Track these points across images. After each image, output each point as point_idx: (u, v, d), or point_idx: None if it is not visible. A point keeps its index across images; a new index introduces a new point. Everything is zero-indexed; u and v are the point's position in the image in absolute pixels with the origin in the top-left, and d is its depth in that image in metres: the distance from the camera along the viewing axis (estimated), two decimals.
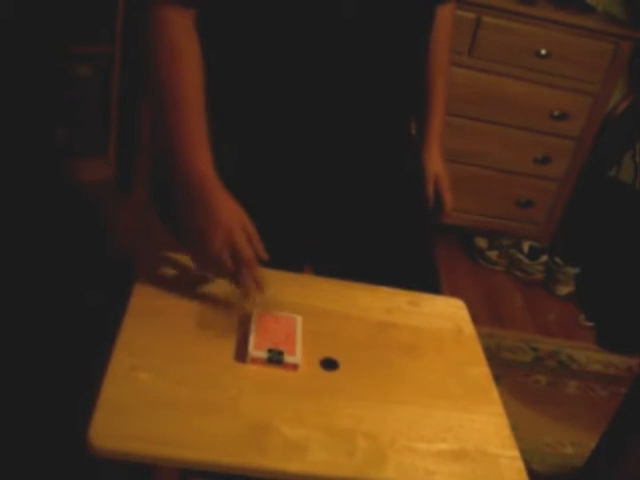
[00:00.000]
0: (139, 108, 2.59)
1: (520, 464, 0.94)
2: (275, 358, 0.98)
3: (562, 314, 2.67)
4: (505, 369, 2.26)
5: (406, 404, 0.99)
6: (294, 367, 0.99)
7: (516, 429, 1.00)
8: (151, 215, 2.54)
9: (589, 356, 2.45)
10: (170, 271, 1.11)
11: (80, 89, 2.59)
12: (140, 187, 2.67)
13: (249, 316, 1.03)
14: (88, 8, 2.45)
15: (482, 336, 1.19)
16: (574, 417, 2.13)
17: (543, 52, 2.52)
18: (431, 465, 0.90)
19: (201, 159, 1.03)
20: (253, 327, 1.01)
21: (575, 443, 2.03)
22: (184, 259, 1.13)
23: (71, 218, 2.46)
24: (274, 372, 0.98)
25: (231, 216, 1.02)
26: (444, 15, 1.30)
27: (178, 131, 1.03)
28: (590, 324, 2.63)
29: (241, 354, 0.98)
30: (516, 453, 0.95)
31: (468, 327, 1.19)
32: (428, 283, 1.27)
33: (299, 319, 1.06)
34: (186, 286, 1.09)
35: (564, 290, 2.75)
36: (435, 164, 1.33)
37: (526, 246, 2.81)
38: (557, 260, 2.75)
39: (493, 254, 2.83)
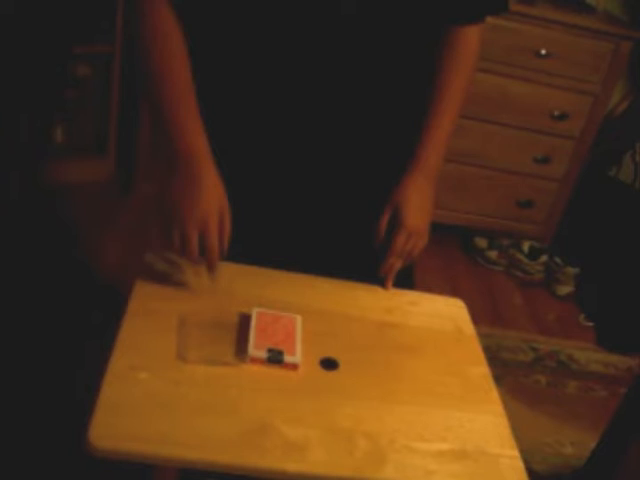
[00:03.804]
0: (139, 108, 2.59)
1: (520, 464, 0.94)
2: (275, 358, 0.98)
3: (562, 314, 2.68)
4: (505, 369, 2.26)
5: (406, 404, 0.99)
6: (294, 367, 0.99)
7: (516, 429, 1.00)
8: (151, 215, 2.54)
9: (589, 356, 2.45)
10: (169, 271, 1.11)
11: (80, 89, 2.59)
12: (140, 187, 2.67)
13: (249, 316, 1.03)
14: (88, 8, 2.45)
15: (482, 336, 1.19)
16: (574, 417, 2.13)
17: (543, 52, 2.52)
18: (431, 465, 0.90)
19: (191, 130, 1.06)
20: (253, 327, 1.01)
21: (575, 443, 2.03)
22: (183, 259, 1.13)
23: (70, 218, 2.46)
24: (274, 372, 0.98)
25: (213, 198, 1.04)
26: (468, 39, 1.17)
27: (168, 105, 1.06)
28: (590, 324, 2.63)
29: (241, 354, 0.98)
30: (516, 453, 0.95)
31: (468, 327, 1.18)
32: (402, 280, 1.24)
33: (299, 319, 1.06)
34: (185, 286, 1.09)
35: (564, 290, 2.75)
36: (401, 198, 1.18)
37: (526, 246, 2.81)
38: (557, 260, 2.75)
39: (493, 254, 2.83)
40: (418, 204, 1.19)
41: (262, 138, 1.17)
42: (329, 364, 1.02)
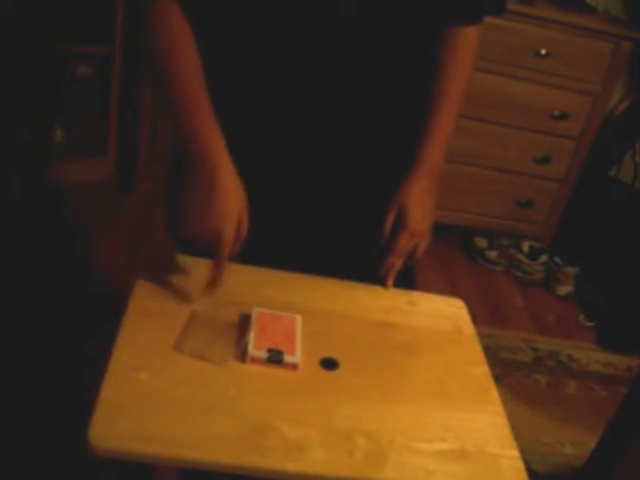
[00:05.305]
0: (139, 108, 2.59)
1: (520, 464, 0.94)
2: (275, 358, 0.98)
3: (562, 314, 2.68)
4: (505, 369, 2.26)
5: (406, 404, 0.99)
6: (294, 367, 0.99)
7: (516, 429, 1.00)
8: (150, 215, 2.55)
9: (589, 356, 2.45)
10: (169, 271, 1.11)
11: (80, 89, 2.59)
12: (140, 187, 2.67)
13: (249, 316, 1.03)
14: (88, 7, 2.45)
15: (482, 336, 1.19)
16: (574, 417, 2.13)
17: (543, 52, 2.52)
18: (431, 465, 0.90)
19: (208, 131, 1.04)
20: (253, 327, 1.01)
21: (575, 443, 2.03)
22: (183, 259, 1.13)
23: (70, 218, 2.46)
24: (274, 372, 0.98)
25: (231, 202, 1.02)
26: (467, 39, 1.18)
27: (182, 106, 1.04)
28: (590, 324, 2.63)
29: (241, 354, 0.98)
30: (516, 453, 0.95)
31: (468, 327, 1.18)
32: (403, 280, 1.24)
33: (299, 319, 1.06)
34: (185, 286, 1.09)
35: (564, 290, 2.75)
36: (405, 199, 1.18)
37: (526, 246, 2.82)
38: (557, 260, 2.75)
39: (493, 254, 2.83)
40: (422, 205, 1.20)
41: (262, 137, 1.16)
42: (329, 364, 1.02)
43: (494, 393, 1.05)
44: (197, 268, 1.12)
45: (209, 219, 1.02)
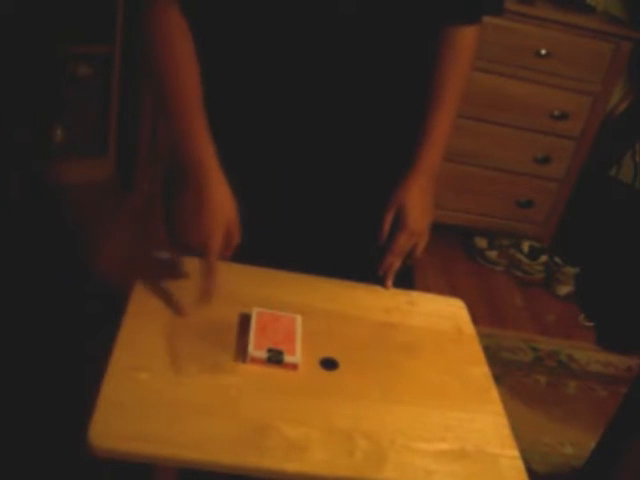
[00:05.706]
0: (139, 108, 2.59)
1: (520, 464, 0.94)
2: (275, 358, 0.98)
3: (562, 314, 2.68)
4: (505, 369, 2.26)
5: (406, 404, 0.99)
6: (294, 367, 0.99)
7: (516, 429, 1.00)
8: (150, 215, 2.55)
9: (589, 356, 2.45)
10: (169, 271, 1.11)
11: (80, 89, 2.59)
12: (140, 187, 2.67)
13: (249, 316, 1.03)
14: (88, 7, 2.45)
15: (482, 336, 1.19)
16: (574, 417, 2.13)
17: (543, 52, 2.52)
18: (431, 465, 0.90)
19: (200, 141, 1.04)
20: (253, 327, 1.01)
21: (575, 443, 2.03)
22: (183, 259, 1.13)
23: (70, 218, 2.46)
24: (274, 372, 0.98)
25: (220, 213, 1.03)
26: (465, 39, 1.18)
27: (177, 117, 1.05)
28: (590, 324, 2.63)
29: (241, 354, 0.98)
30: (516, 453, 0.95)
31: (468, 327, 1.18)
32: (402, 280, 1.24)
33: (299, 319, 1.06)
34: (185, 286, 1.09)
35: (564, 290, 2.75)
36: (404, 199, 1.18)
37: (526, 246, 2.81)
38: (557, 260, 2.75)
39: (493, 254, 2.83)
40: (420, 204, 1.20)
41: (262, 136, 1.17)
42: (329, 364, 1.02)
43: (494, 393, 1.05)
44: (197, 268, 1.12)
45: (197, 229, 1.03)
